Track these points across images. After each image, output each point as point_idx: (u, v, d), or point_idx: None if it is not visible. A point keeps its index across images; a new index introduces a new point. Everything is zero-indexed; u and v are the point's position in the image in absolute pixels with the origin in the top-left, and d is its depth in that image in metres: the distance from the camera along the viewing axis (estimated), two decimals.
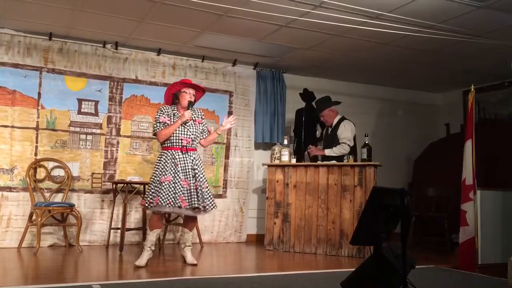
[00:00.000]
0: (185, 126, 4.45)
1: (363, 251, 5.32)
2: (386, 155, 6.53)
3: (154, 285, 3.68)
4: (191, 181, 4.37)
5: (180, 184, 4.32)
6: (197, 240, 5.94)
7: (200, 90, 4.67)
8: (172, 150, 4.40)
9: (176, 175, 4.32)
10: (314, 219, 5.72)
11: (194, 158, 4.45)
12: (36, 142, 5.64)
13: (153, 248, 4.45)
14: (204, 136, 4.65)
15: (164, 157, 4.40)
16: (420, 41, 5.43)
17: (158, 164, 4.42)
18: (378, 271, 2.80)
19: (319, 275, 4.34)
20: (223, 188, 6.58)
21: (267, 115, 6.81)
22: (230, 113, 6.66)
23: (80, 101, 5.90)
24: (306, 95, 6.66)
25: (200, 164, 4.51)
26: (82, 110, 5.90)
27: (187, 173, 4.37)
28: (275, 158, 6.09)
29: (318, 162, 5.93)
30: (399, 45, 5.71)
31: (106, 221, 5.75)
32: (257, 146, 6.89)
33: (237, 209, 6.62)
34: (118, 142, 6.02)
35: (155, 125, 4.47)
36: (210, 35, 5.64)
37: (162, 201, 4.21)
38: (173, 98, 4.59)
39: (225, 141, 6.63)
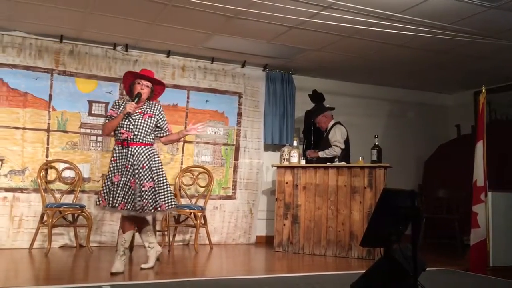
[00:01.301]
0: (129, 119, 4.08)
1: (373, 253, 5.29)
2: (396, 156, 6.50)
3: (163, 286, 3.70)
4: (127, 178, 4.01)
5: (122, 183, 4.01)
6: (207, 242, 5.95)
7: (157, 83, 4.34)
8: (115, 145, 4.13)
9: (119, 172, 4.04)
10: (323, 221, 5.70)
11: (136, 153, 4.03)
12: (47, 144, 5.69)
13: (126, 251, 4.17)
14: (162, 134, 4.26)
15: (113, 154, 4.14)
16: (430, 42, 5.40)
17: (110, 161, 4.17)
18: (388, 273, 2.78)
19: (328, 277, 4.33)
20: (232, 189, 6.58)
21: (276, 117, 6.81)
22: (239, 114, 6.67)
23: (90, 103, 5.94)
24: (315, 96, 6.64)
25: (145, 160, 4.05)
26: (92, 112, 5.94)
27: (126, 170, 4.02)
28: (284, 160, 6.08)
29: (327, 163, 5.92)
30: (410, 46, 5.68)
31: (116, 222, 5.76)
32: (267, 147, 6.89)
33: (246, 211, 6.62)
34: None
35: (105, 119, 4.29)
36: (219, 37, 5.65)
37: (105, 201, 4.02)
38: (129, 90, 4.29)
39: (234, 143, 6.64)
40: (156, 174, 4.10)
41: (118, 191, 3.99)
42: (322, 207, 5.72)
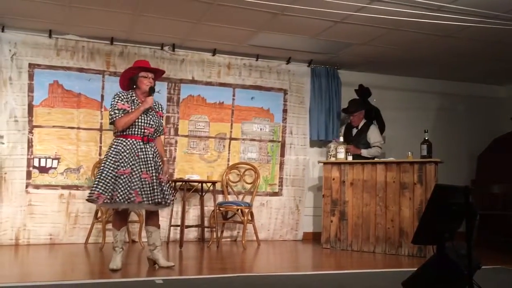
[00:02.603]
0: (148, 115, 4.02)
1: (424, 250, 5.16)
2: (447, 151, 6.32)
3: (213, 281, 3.76)
4: (153, 174, 3.95)
5: (138, 177, 3.88)
6: (254, 238, 5.99)
7: (157, 72, 4.25)
8: (133, 139, 3.95)
9: (134, 167, 3.89)
10: (372, 217, 5.62)
11: (155, 149, 4.07)
12: (100, 143, 5.89)
13: (124, 247, 4.18)
14: (157, 134, 4.19)
15: (121, 146, 3.93)
16: (483, 32, 5.20)
17: (112, 153, 3.93)
18: (442, 271, 2.72)
19: (378, 274, 4.27)
20: (279, 186, 6.59)
21: (322, 113, 6.76)
22: (285, 111, 6.67)
23: None
24: (362, 91, 6.55)
25: (158, 157, 4.09)
26: None
27: (149, 165, 3.95)
28: (331, 156, 6.03)
29: (375, 159, 5.83)
30: (460, 37, 5.49)
31: (166, 218, 5.90)
32: (313, 143, 6.85)
33: (293, 207, 6.61)
34: (176, 142, 6.17)
35: (112, 112, 3.96)
36: (264, 34, 5.67)
37: (119, 197, 3.81)
38: (129, 83, 4.13)
39: (280, 139, 6.65)
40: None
41: (155, 187, 3.95)
42: (370, 203, 5.64)
